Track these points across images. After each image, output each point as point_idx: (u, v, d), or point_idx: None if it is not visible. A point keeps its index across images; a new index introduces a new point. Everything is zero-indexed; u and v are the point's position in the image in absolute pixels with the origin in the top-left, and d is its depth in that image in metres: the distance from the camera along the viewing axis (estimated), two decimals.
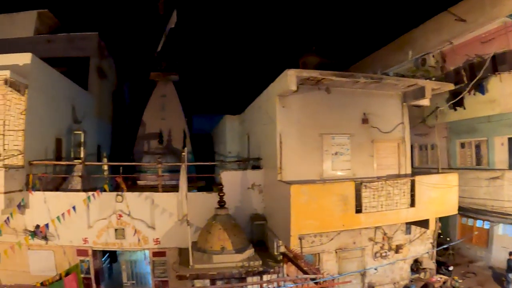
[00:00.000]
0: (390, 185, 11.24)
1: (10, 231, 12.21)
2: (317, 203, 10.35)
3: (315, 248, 12.19)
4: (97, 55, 20.38)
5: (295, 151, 11.57)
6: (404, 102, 13.26)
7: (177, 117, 21.87)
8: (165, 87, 22.35)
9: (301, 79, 10.96)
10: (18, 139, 12.14)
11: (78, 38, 20.12)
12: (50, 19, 21.49)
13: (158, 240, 12.53)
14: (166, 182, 14.87)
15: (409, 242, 13.44)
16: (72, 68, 18.33)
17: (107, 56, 22.10)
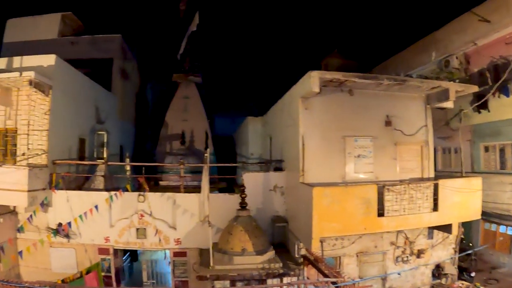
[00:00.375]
0: (413, 189, 11.06)
1: (33, 228, 12.51)
2: (339, 206, 10.24)
3: (336, 251, 12.05)
4: (120, 56, 20.70)
5: (317, 153, 11.46)
6: (428, 105, 13.00)
7: (200, 119, 22.14)
8: (187, 88, 22.63)
9: (324, 81, 10.87)
10: (42, 139, 12.42)
11: (102, 40, 20.45)
12: (74, 22, 21.90)
13: (179, 240, 12.61)
14: (188, 183, 14.96)
15: (431, 247, 13.17)
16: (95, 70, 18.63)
17: (130, 57, 22.44)
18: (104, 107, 17.62)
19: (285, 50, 33.63)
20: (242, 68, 33.53)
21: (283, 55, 32.82)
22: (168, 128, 22.36)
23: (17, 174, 11.20)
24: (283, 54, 32.96)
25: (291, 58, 30.72)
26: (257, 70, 32.91)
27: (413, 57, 18.19)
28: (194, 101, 22.29)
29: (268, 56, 33.40)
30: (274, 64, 32.12)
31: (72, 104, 14.37)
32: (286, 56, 32.42)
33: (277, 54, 33.14)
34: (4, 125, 12.65)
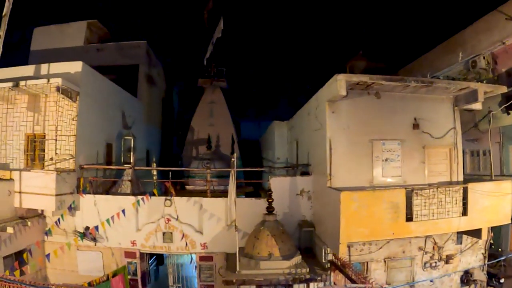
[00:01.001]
0: (442, 193, 10.82)
1: (61, 232, 12.74)
2: (367, 210, 10.10)
3: (364, 256, 11.88)
4: (146, 62, 21.06)
5: (344, 157, 11.33)
6: (456, 106, 12.72)
7: (225, 123, 22.28)
8: (213, 93, 22.83)
9: (351, 84, 10.75)
10: (70, 144, 12.62)
11: (127, 46, 20.85)
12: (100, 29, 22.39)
13: (205, 244, 12.64)
14: (215, 187, 14.98)
15: (460, 252, 12.87)
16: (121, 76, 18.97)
17: (155, 63, 22.80)
18: (131, 112, 17.86)
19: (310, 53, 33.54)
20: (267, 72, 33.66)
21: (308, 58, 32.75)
22: (194, 133, 22.57)
23: (45, 179, 11.42)
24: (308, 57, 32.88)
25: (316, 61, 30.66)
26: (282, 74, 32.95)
27: (440, 58, 17.83)
28: (220, 106, 22.43)
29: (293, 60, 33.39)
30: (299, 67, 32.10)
31: (99, 110, 14.60)
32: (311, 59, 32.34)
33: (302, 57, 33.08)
34: (33, 131, 12.92)
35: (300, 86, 27.53)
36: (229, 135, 21.93)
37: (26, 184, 11.43)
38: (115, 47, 20.97)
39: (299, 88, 26.73)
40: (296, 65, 32.56)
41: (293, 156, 17.04)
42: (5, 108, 12.93)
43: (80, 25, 21.28)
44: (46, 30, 21.31)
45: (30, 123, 12.95)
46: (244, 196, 14.39)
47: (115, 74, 17.85)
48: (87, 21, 21.42)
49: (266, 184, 13.31)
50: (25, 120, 12.95)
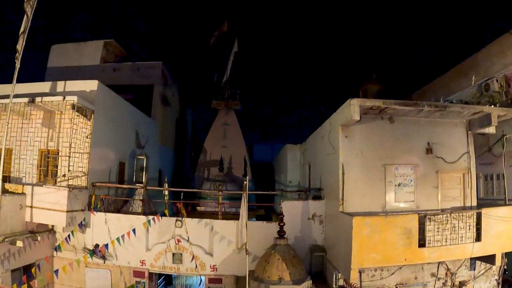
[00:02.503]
0: (455, 218, 10.70)
1: (70, 248, 12.77)
2: (380, 236, 10.00)
3: (375, 282, 11.68)
4: (161, 83, 21.47)
5: (357, 182, 11.27)
6: (469, 131, 12.64)
7: (238, 145, 22.40)
8: (226, 115, 23.07)
9: (364, 109, 10.77)
10: (83, 161, 12.73)
11: (143, 66, 21.26)
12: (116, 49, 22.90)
13: (215, 267, 12.56)
14: (226, 209, 14.97)
15: (473, 278, 12.60)
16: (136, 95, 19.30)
17: (170, 84, 23.14)
18: (144, 132, 18.03)
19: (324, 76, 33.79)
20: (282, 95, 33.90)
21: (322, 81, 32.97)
22: (207, 154, 22.68)
23: (57, 195, 11.48)
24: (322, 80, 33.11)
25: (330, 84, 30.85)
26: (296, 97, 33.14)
27: (453, 82, 17.76)
28: (233, 128, 22.60)
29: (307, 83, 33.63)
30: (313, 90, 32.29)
31: (113, 129, 14.78)
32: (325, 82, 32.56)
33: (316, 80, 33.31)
34: (46, 147, 13.11)
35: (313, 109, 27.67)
36: (241, 157, 21.98)
37: (38, 199, 11.49)
38: (131, 67, 21.42)
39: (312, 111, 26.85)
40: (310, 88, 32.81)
41: (305, 179, 17.00)
42: (20, 123, 13.13)
43: (97, 44, 21.78)
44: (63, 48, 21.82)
45: (44, 139, 13.14)
46: (255, 219, 14.36)
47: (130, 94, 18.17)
48: (104, 41, 21.93)
49: (278, 208, 13.24)
50: (39, 136, 13.14)
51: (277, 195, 17.49)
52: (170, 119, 23.46)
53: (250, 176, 20.32)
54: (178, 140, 25.06)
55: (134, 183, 15.61)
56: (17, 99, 11.99)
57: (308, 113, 28.52)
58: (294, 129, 26.77)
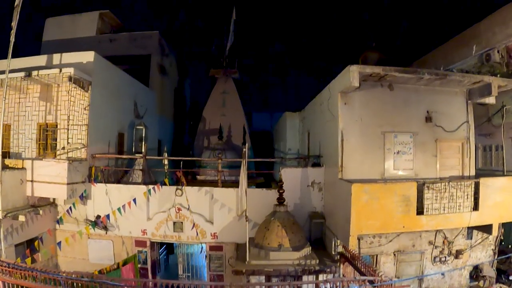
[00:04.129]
0: (454, 187, 10.74)
1: (72, 220, 12.87)
2: (378, 203, 10.07)
3: (373, 249, 11.85)
4: (158, 52, 21.18)
5: (356, 149, 11.26)
6: (469, 100, 12.57)
7: (237, 114, 22.32)
8: (225, 83, 22.90)
9: (364, 75, 10.68)
10: (82, 133, 12.68)
11: (140, 36, 20.96)
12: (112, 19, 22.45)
13: (215, 234, 12.72)
14: (226, 177, 15.01)
15: (470, 247, 12.77)
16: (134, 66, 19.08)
17: (168, 53, 22.84)
18: (143, 102, 17.93)
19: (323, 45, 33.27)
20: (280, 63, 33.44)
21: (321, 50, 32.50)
22: (206, 123, 22.66)
23: (57, 168, 11.51)
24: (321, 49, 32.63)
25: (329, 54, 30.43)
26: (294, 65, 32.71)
27: (453, 51, 17.56)
28: (232, 96, 22.49)
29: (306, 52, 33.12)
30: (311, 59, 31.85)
31: (111, 99, 14.68)
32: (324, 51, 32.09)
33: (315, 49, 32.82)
34: (45, 120, 13.04)
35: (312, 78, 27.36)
36: (240, 126, 21.95)
37: (38, 173, 11.52)
38: (127, 37, 21.09)
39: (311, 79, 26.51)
40: (309, 57, 32.35)
41: (304, 147, 16.99)
42: (18, 97, 13.01)
43: (93, 16, 21.33)
44: (58, 20, 21.38)
45: (42, 112, 13.06)
46: (254, 187, 14.40)
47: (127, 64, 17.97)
48: (100, 11, 21.46)
49: (277, 175, 13.27)
50: (37, 110, 13.06)
51: (277, 163, 17.54)
52: (168, 89, 23.32)
53: (249, 144, 20.28)
54: (177, 109, 24.98)
55: (134, 154, 15.62)
56: (13, 74, 11.90)
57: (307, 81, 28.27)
58: (293, 97, 26.62)
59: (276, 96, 31.63)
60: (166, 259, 15.69)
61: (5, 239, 10.57)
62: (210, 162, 18.37)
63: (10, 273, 8.66)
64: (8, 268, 8.66)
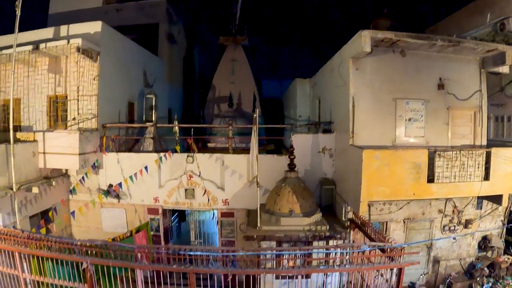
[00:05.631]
0: (465, 156, 10.63)
1: (85, 190, 13.04)
2: (389, 169, 10.02)
3: (383, 216, 11.93)
4: (166, 21, 20.93)
5: (367, 115, 11.17)
6: (482, 69, 12.34)
7: (247, 81, 22.21)
8: (234, 51, 22.75)
9: (376, 41, 10.48)
10: (92, 104, 12.78)
11: (147, 5, 20.70)
12: None
13: (227, 201, 12.85)
14: (236, 144, 15.05)
15: (479, 217, 12.80)
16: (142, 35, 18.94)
17: (176, 21, 22.58)
18: (152, 71, 17.89)
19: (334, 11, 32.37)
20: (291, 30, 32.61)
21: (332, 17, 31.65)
22: (216, 91, 22.61)
23: (68, 138, 11.60)
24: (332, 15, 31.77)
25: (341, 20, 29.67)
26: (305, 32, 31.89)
27: (467, 19, 17.17)
28: (242, 64, 22.37)
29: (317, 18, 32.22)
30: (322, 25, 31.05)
31: (120, 69, 14.68)
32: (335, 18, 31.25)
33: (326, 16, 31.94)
34: (54, 92, 13.10)
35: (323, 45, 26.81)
36: (250, 93, 21.87)
37: (50, 144, 11.63)
38: (134, 6, 20.84)
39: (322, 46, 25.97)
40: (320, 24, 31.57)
41: (315, 114, 16.90)
42: (26, 71, 13.12)
43: None
44: None
45: (52, 84, 13.11)
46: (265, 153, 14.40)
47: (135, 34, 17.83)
48: None
49: (287, 142, 13.26)
50: (46, 82, 13.12)
51: (287, 130, 17.45)
52: (177, 57, 23.18)
53: (260, 111, 20.31)
54: (186, 78, 24.90)
55: (144, 122, 15.69)
56: (21, 48, 11.96)
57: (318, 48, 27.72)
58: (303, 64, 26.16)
59: (287, 64, 31.08)
60: (178, 226, 15.93)
61: (19, 211, 10.72)
62: (220, 129, 18.43)
63: (25, 244, 8.86)
64: (23, 239, 8.82)
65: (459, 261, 12.85)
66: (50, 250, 8.79)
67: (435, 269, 12.66)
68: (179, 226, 16.00)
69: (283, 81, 25.05)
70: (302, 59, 29.35)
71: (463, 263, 12.89)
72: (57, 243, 8.74)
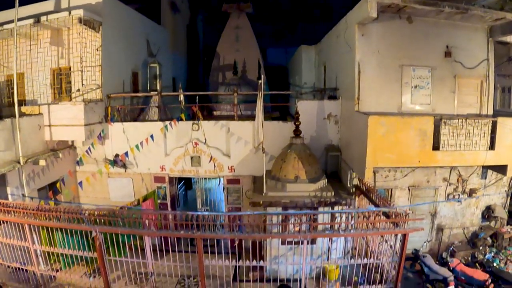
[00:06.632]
0: (471, 124, 10.56)
1: (91, 161, 13.14)
2: (395, 136, 10.00)
3: (388, 183, 12.03)
4: None
5: (373, 81, 11.08)
6: (490, 37, 12.17)
7: (251, 48, 22.07)
8: (238, 18, 22.52)
9: (382, 6, 10.30)
10: (96, 74, 12.77)
11: None
12: None
13: (233, 167, 12.93)
14: (242, 112, 15.13)
15: (484, 187, 12.87)
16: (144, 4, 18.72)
17: None
18: (155, 40, 17.79)
19: None
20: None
21: None
22: (220, 59, 22.48)
23: (73, 110, 11.62)
24: None
25: None
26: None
27: None
28: (246, 31, 22.16)
29: None
30: None
31: (123, 39, 14.59)
32: None
33: None
34: (58, 65, 13.08)
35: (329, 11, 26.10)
36: (255, 61, 21.73)
37: (55, 117, 11.66)
38: None
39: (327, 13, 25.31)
40: None
41: (320, 80, 16.81)
42: (29, 45, 13.09)
43: None
44: None
45: (55, 57, 13.09)
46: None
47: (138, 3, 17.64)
48: None
49: (293, 110, 13.23)
50: (49, 55, 13.10)
51: (292, 97, 17.34)
52: (180, 26, 23.07)
53: (265, 78, 20.10)
54: (190, 46, 24.81)
55: (149, 92, 15.67)
56: (22, 22, 11.93)
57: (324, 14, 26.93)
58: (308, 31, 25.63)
59: (292, 31, 30.36)
60: (185, 194, 16.09)
61: (27, 184, 10.86)
62: (225, 97, 18.41)
63: (34, 216, 9.01)
64: (32, 211, 8.99)
65: (462, 230, 13.01)
66: (59, 221, 9.00)
67: (438, 237, 12.85)
68: (185, 195, 16.16)
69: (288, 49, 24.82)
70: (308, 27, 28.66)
71: (466, 232, 13.06)
72: (66, 213, 8.92)
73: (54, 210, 9.07)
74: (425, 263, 10.66)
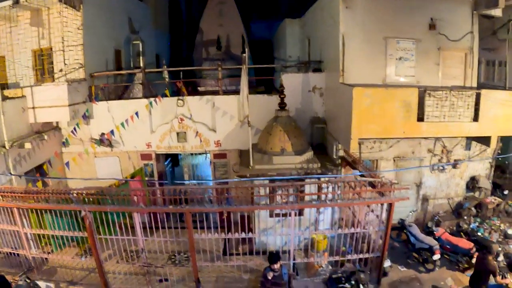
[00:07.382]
0: (455, 96, 10.62)
1: (77, 141, 13.02)
2: (379, 107, 10.06)
3: (374, 154, 12.11)
4: None
5: (358, 54, 11.08)
6: (475, 10, 12.18)
7: (235, 23, 21.89)
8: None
9: None
10: (78, 54, 12.57)
11: None
12: None
13: (219, 142, 12.95)
14: (227, 87, 15.04)
15: (468, 158, 13.01)
16: None
17: None
18: (137, 17, 17.52)
19: None
20: None
21: None
22: (204, 34, 22.31)
23: (56, 91, 11.43)
24: None
25: None
26: None
27: None
28: (229, 6, 22.01)
29: None
30: None
31: (105, 17, 14.35)
32: None
33: None
34: (39, 46, 12.83)
35: None
36: (239, 35, 21.64)
37: (39, 98, 11.42)
38: None
39: None
40: None
41: (305, 54, 16.81)
42: (8, 27, 12.78)
43: None
44: None
45: (35, 38, 12.83)
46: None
47: None
48: None
49: (278, 83, 13.22)
50: (30, 36, 12.84)
51: (277, 71, 17.29)
52: (162, 2, 22.78)
53: (249, 53, 20.12)
54: (173, 22, 24.52)
55: (132, 69, 15.49)
56: (1, 4, 11.68)
57: None
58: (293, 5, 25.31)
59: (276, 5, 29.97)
60: (172, 171, 16.02)
61: (14, 168, 10.70)
62: (210, 72, 18.26)
63: (23, 199, 8.93)
64: (20, 194, 8.91)
65: (447, 200, 13.18)
66: (48, 202, 8.95)
67: (424, 207, 13.02)
68: (172, 171, 16.10)
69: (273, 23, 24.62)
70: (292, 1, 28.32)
71: (451, 203, 13.23)
72: (54, 194, 8.86)
73: (42, 192, 9.01)
74: (411, 233, 10.84)
